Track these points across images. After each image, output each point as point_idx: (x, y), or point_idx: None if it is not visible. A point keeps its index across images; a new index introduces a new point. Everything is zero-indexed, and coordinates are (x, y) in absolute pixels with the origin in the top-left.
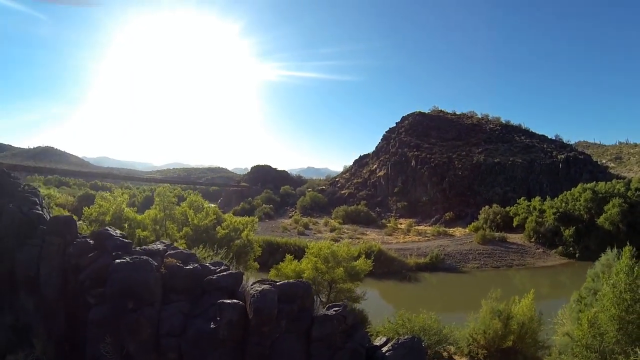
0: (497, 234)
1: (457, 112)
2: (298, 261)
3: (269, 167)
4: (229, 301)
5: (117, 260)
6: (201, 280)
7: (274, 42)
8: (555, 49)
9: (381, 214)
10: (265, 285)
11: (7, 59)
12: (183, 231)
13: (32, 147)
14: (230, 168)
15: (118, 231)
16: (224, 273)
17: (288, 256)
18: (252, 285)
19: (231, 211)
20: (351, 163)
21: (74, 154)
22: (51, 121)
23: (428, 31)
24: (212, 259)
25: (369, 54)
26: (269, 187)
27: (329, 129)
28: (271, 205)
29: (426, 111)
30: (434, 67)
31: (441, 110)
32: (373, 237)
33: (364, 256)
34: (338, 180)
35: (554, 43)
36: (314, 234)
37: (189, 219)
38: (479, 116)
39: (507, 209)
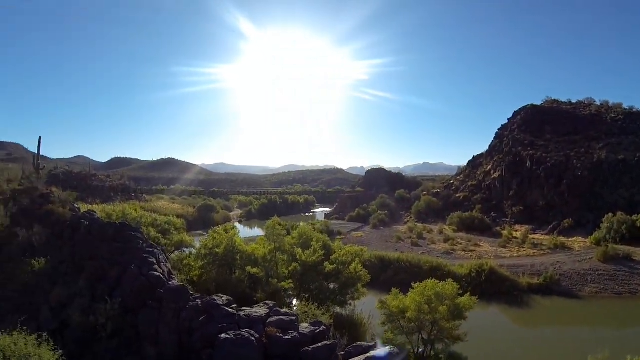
0: (621, 249)
1: (573, 101)
2: (404, 294)
3: (384, 169)
4: None
5: (222, 336)
6: (299, 349)
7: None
8: None
9: (496, 219)
10: None
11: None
12: (292, 266)
13: (155, 159)
14: (345, 168)
15: (225, 297)
16: (320, 345)
17: (394, 290)
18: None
19: (346, 217)
20: (465, 162)
21: (192, 162)
22: (171, 133)
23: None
24: (313, 312)
25: (475, 42)
26: (384, 190)
27: (443, 123)
28: (386, 212)
29: (539, 103)
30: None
31: (555, 101)
32: (486, 250)
33: (474, 274)
34: (452, 183)
35: None
36: (428, 244)
37: (297, 256)
38: (598, 104)
39: (635, 217)
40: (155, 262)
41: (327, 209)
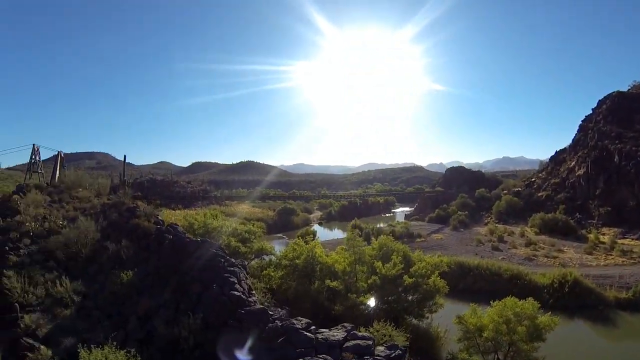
0: None
1: None
2: (483, 303)
3: (463, 168)
4: None
5: None
6: None
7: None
8: None
9: (581, 221)
10: None
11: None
12: (372, 279)
13: (234, 162)
14: (424, 165)
15: (304, 321)
16: None
17: (472, 305)
18: None
19: (426, 218)
20: (547, 154)
21: (271, 164)
22: (250, 136)
23: None
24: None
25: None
26: (464, 190)
27: (523, 115)
28: (466, 212)
29: (625, 89)
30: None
31: None
32: (570, 257)
33: (556, 285)
34: (534, 181)
35: None
36: (509, 249)
37: (377, 270)
38: None
39: None
40: (236, 281)
41: (407, 209)
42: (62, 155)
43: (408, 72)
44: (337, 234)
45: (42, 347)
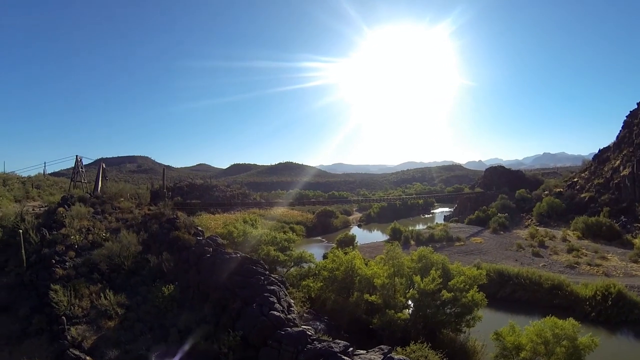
0: None
1: None
2: (522, 314)
3: (503, 168)
4: None
5: None
6: None
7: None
8: None
9: (626, 224)
10: None
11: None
12: (409, 293)
13: (273, 164)
14: (463, 163)
15: (342, 344)
16: None
17: (510, 322)
18: None
19: (465, 220)
20: (589, 150)
21: (310, 164)
22: (288, 137)
23: None
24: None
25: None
26: (503, 190)
27: (563, 110)
28: (506, 214)
29: None
30: None
31: None
32: (614, 265)
33: (599, 297)
34: (576, 181)
35: None
36: (550, 254)
37: (415, 284)
38: None
39: None
40: (275, 300)
41: (446, 209)
42: (104, 166)
43: (444, 68)
44: (377, 235)
45: (87, 358)
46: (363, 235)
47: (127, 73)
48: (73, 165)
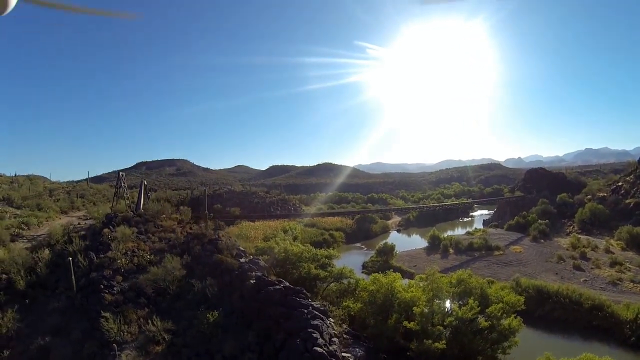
0: None
1: None
2: (560, 336)
3: (544, 170)
4: None
5: None
6: None
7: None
8: None
9: None
10: None
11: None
12: (447, 320)
13: (312, 165)
14: (502, 160)
15: None
16: None
17: (546, 354)
18: None
19: (505, 225)
20: (634, 144)
21: (348, 164)
22: (327, 137)
23: None
24: None
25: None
26: (544, 194)
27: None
28: (547, 220)
29: None
30: None
31: None
32: None
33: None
34: (621, 185)
35: None
36: (591, 269)
37: (453, 311)
38: None
39: None
40: (318, 335)
41: (486, 212)
42: (146, 183)
43: (482, 64)
44: (416, 240)
45: None
46: (402, 241)
47: (165, 79)
48: (116, 182)
